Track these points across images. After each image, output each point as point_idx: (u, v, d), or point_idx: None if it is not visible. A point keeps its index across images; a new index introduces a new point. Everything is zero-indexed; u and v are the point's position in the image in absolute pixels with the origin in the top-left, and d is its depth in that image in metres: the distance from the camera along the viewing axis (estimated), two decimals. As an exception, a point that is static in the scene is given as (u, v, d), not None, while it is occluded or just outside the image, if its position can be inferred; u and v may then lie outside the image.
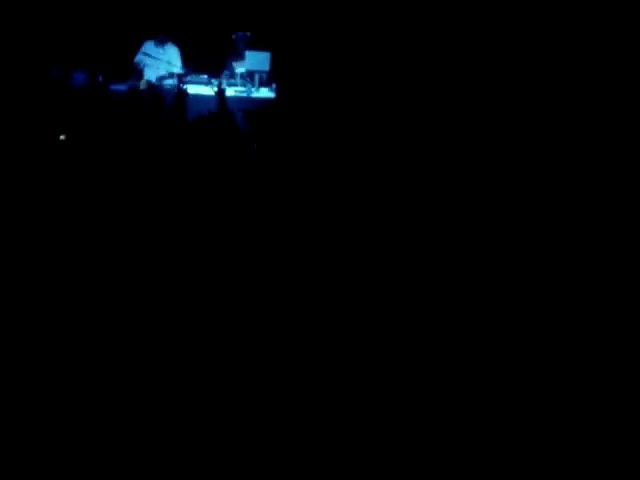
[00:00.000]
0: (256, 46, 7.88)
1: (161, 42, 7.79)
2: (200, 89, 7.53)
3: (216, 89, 7.09)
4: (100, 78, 7.37)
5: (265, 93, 7.73)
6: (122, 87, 7.44)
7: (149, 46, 7.81)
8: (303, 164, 6.21)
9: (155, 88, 7.44)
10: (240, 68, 7.89)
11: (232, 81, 7.80)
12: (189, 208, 5.02)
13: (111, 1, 8.55)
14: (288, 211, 5.14)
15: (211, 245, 4.32)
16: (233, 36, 8.10)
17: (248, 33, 8.09)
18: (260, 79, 7.71)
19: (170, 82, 7.59)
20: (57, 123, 6.44)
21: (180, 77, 7.63)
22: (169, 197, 5.22)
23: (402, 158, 6.26)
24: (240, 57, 7.90)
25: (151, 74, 7.70)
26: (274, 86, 7.77)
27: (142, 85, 7.43)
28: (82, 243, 4.20)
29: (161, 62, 7.72)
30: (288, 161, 6.33)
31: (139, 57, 7.75)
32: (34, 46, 7.75)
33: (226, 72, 7.92)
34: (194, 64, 7.92)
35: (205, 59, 8.05)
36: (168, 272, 3.86)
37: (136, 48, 7.83)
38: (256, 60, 7.63)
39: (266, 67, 7.67)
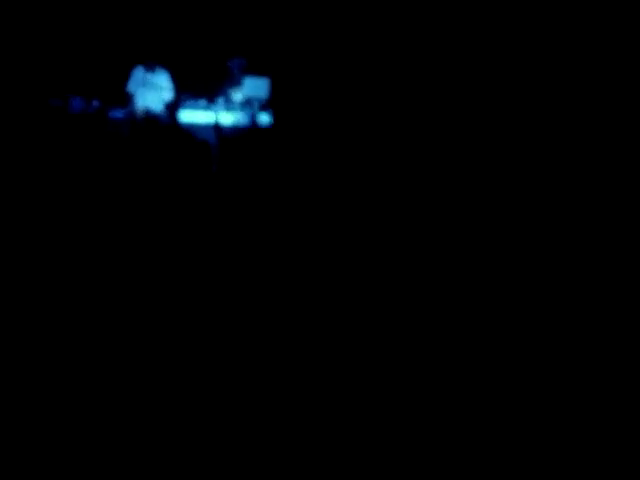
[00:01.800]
0: (252, 72, 7.80)
1: (151, 67, 7.64)
2: (197, 116, 7.43)
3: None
4: (96, 103, 7.22)
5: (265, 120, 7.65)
6: (119, 114, 7.31)
7: (139, 72, 7.66)
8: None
9: (156, 116, 7.32)
10: (237, 94, 7.79)
11: (229, 108, 7.70)
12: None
13: (108, 25, 8.42)
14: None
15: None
16: (228, 62, 8.00)
17: (244, 59, 8.01)
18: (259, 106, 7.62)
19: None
20: (57, 155, 6.32)
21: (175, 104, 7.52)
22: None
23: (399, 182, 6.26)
24: (236, 83, 7.82)
25: (145, 100, 7.56)
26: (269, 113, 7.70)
27: (139, 113, 7.29)
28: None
29: (153, 88, 7.58)
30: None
31: (130, 83, 7.60)
32: (31, 73, 7.59)
33: (222, 98, 7.82)
34: (187, 90, 7.81)
35: (199, 85, 7.95)
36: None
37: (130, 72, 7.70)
38: (255, 86, 7.54)
39: (265, 93, 7.58)
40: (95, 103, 7.11)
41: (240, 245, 4.85)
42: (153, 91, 7.59)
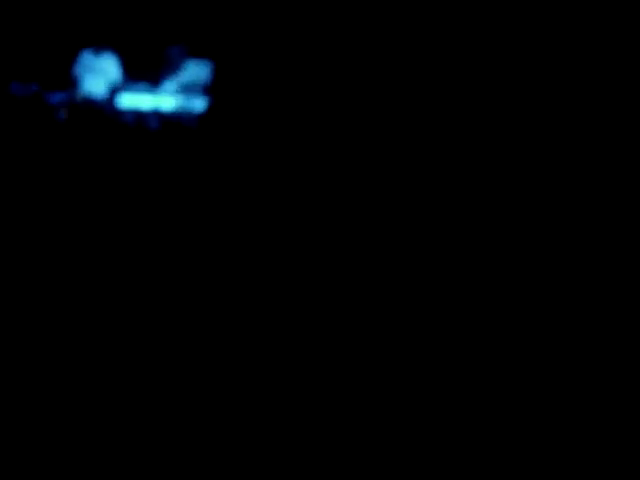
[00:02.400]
0: (193, 56, 7.84)
1: (99, 51, 7.67)
2: (138, 100, 7.46)
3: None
4: (34, 87, 7.22)
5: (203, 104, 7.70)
6: (59, 97, 7.30)
7: (86, 55, 7.68)
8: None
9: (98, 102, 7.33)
10: (178, 79, 7.83)
11: (170, 92, 7.74)
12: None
13: (48, 7, 8.35)
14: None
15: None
16: (168, 49, 8.02)
17: (184, 45, 8.04)
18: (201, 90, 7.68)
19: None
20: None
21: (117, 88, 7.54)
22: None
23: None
24: (177, 68, 7.85)
25: (91, 84, 7.58)
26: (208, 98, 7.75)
27: (80, 97, 7.30)
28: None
29: (99, 72, 7.61)
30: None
31: (77, 66, 7.61)
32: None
33: (165, 82, 7.86)
34: (130, 74, 7.83)
35: (142, 69, 7.97)
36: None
37: (74, 55, 7.69)
38: (196, 71, 7.59)
39: (207, 78, 7.64)
40: (34, 87, 7.11)
41: (177, 235, 4.87)
42: (99, 75, 7.61)
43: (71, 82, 7.46)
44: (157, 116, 7.12)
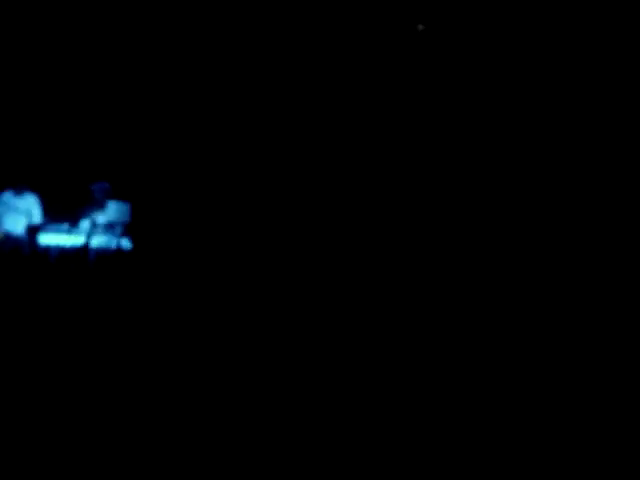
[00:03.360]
0: (115, 197, 8.07)
1: (19, 192, 7.84)
2: (60, 239, 7.60)
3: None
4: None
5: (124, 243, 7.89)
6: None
7: (7, 195, 7.84)
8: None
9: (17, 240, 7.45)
10: (101, 218, 8.01)
11: (94, 231, 7.91)
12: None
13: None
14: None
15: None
16: (92, 187, 8.24)
17: (106, 184, 8.27)
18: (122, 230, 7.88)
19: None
20: None
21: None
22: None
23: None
24: (100, 207, 8.05)
25: (9, 224, 7.70)
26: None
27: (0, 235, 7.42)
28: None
29: (18, 212, 7.76)
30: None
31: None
32: None
33: (86, 221, 8.02)
34: (53, 214, 7.99)
35: (64, 209, 8.12)
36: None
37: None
38: (118, 210, 7.81)
39: (127, 217, 7.86)
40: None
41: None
42: (18, 215, 7.75)
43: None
44: (82, 253, 7.25)
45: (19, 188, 7.78)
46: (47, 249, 7.59)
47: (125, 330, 5.67)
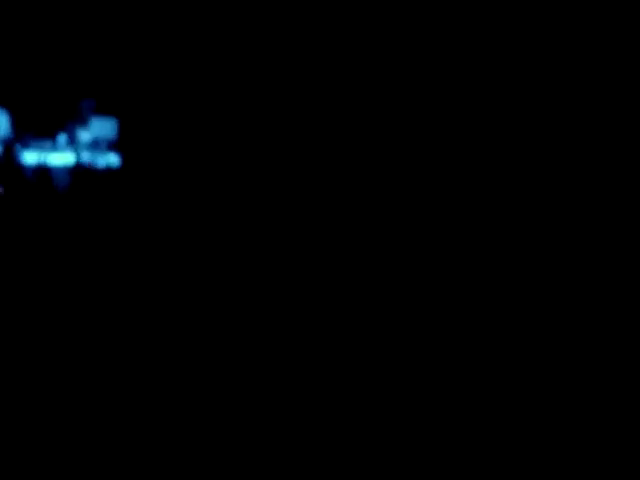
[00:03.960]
0: (100, 112, 7.60)
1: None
2: (41, 156, 7.13)
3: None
4: None
5: (112, 161, 7.44)
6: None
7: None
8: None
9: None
10: (85, 134, 7.56)
11: (76, 148, 7.45)
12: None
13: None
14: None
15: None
16: (79, 102, 7.76)
17: (92, 99, 7.80)
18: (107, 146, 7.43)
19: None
20: None
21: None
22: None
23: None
24: (83, 123, 7.58)
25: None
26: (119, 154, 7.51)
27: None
28: None
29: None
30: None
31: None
32: None
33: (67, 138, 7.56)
34: (30, 130, 7.51)
35: (40, 123, 7.65)
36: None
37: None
38: (102, 127, 7.35)
39: (113, 134, 7.40)
40: None
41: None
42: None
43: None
44: (62, 172, 6.80)
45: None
46: (26, 167, 7.13)
47: (115, 261, 5.43)
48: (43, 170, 7.10)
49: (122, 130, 7.40)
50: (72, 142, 7.48)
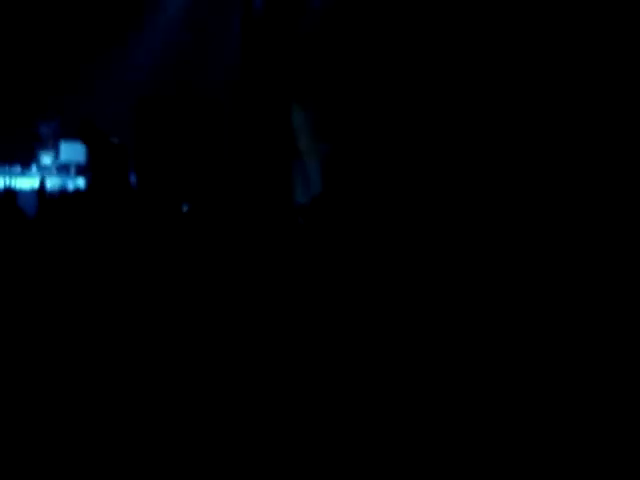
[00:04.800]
0: (65, 135, 7.68)
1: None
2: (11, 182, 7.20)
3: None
4: None
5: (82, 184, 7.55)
6: None
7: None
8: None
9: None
10: (47, 159, 7.63)
11: (46, 173, 7.53)
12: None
13: None
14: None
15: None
16: (39, 126, 7.82)
17: (55, 122, 7.86)
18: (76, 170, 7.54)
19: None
20: None
21: None
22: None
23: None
24: (48, 147, 7.66)
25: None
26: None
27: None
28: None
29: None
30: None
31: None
32: None
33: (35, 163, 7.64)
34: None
35: (7, 148, 7.68)
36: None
37: None
38: (71, 151, 7.45)
39: (82, 158, 7.51)
40: None
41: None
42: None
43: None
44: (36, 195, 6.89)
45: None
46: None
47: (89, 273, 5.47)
48: (10, 194, 7.17)
49: (90, 155, 7.50)
50: (39, 166, 7.56)
